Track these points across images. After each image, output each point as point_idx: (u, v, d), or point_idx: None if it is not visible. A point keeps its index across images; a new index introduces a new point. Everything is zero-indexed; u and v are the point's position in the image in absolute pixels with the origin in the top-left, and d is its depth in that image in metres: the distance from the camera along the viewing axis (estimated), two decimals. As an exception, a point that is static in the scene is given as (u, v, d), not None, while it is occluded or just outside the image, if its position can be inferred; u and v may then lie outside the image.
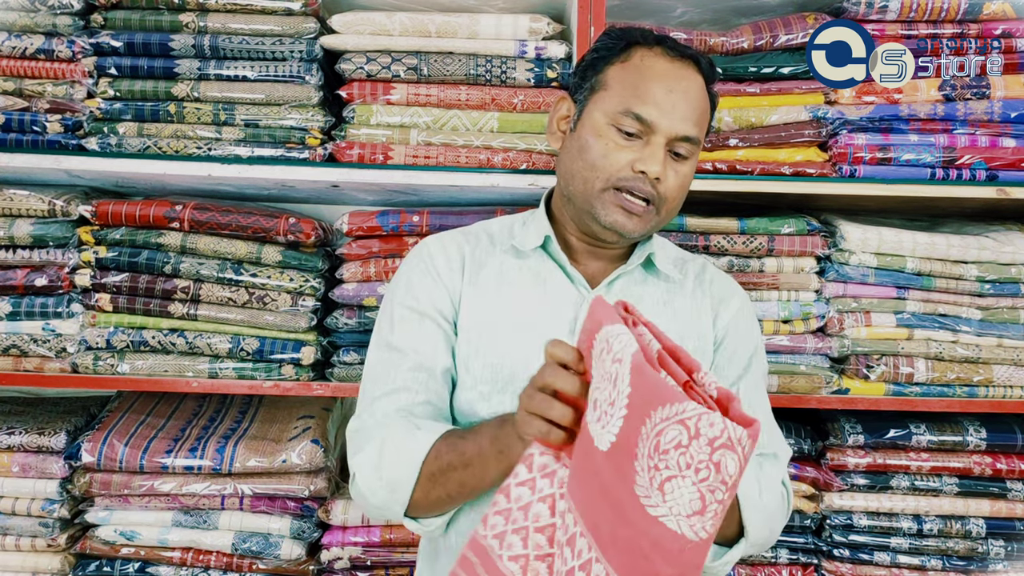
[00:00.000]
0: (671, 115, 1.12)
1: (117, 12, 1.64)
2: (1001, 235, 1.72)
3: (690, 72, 1.16)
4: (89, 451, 1.64)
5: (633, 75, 1.15)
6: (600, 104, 1.16)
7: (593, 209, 1.15)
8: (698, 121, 1.15)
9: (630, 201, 1.13)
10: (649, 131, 1.12)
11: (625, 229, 1.15)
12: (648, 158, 1.12)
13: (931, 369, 1.67)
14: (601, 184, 1.14)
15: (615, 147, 1.13)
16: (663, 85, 1.13)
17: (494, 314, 1.18)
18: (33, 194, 1.66)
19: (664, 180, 1.13)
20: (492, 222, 1.31)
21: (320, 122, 1.65)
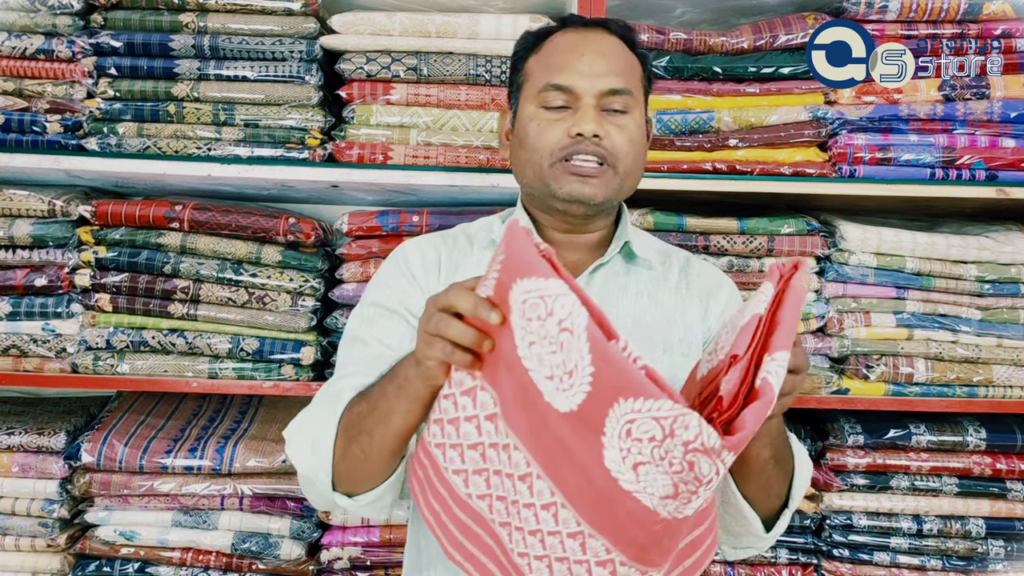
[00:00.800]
0: (589, 74, 1.12)
1: (117, 12, 1.64)
2: (1001, 235, 1.72)
3: (601, 35, 1.17)
4: (89, 451, 1.64)
5: (546, 56, 1.17)
6: (526, 95, 1.18)
7: (549, 187, 1.14)
8: (621, 73, 1.14)
9: (580, 165, 1.12)
10: (573, 97, 1.13)
11: (584, 194, 1.13)
12: (580, 120, 1.11)
13: (931, 369, 1.67)
14: (547, 160, 1.13)
15: (547, 123, 1.13)
16: (574, 51, 1.14)
17: None
18: (33, 194, 1.66)
19: (606, 135, 1.12)
20: (471, 224, 1.31)
21: (320, 122, 1.65)
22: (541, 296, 0.75)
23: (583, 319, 0.73)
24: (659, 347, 1.18)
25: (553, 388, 0.77)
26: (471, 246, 1.24)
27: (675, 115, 1.67)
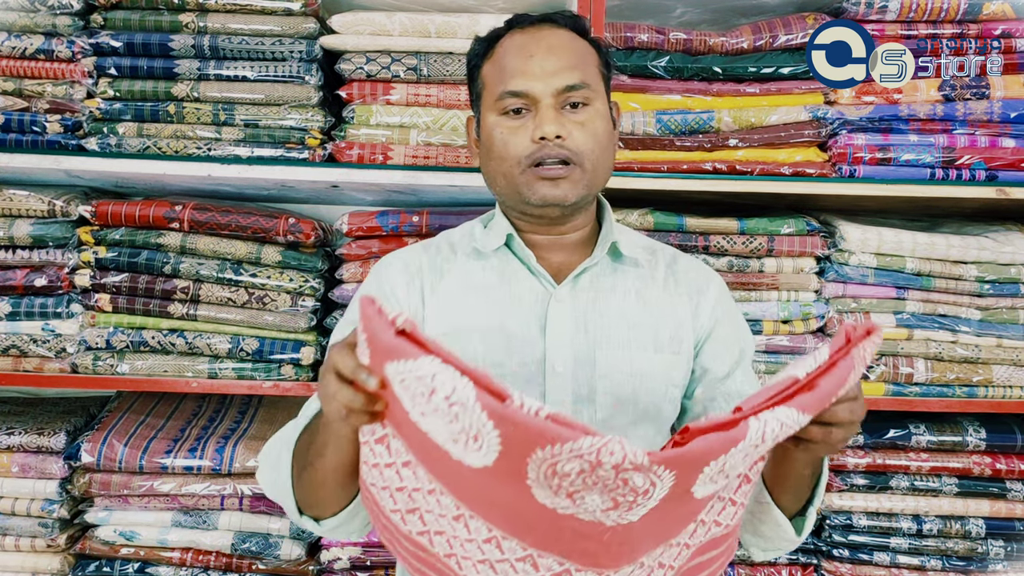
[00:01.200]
0: (541, 74, 1.11)
1: (117, 12, 1.64)
2: (1001, 235, 1.72)
3: (548, 30, 1.16)
4: (89, 451, 1.64)
5: (499, 61, 1.16)
6: (486, 104, 1.16)
7: (521, 194, 1.14)
8: (575, 67, 1.13)
9: (547, 169, 1.11)
10: (530, 100, 1.12)
11: (557, 197, 1.12)
12: (540, 123, 1.10)
13: (930, 369, 1.67)
14: (516, 168, 1.12)
15: (510, 131, 1.12)
16: (522, 54, 1.13)
17: (462, 319, 1.16)
18: (33, 194, 1.66)
19: (568, 135, 1.10)
20: (454, 230, 1.30)
21: (320, 122, 1.65)
22: (417, 376, 0.72)
23: (470, 392, 0.71)
24: (649, 347, 1.17)
25: (461, 449, 0.75)
26: (454, 253, 1.23)
27: (675, 115, 1.67)
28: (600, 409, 1.14)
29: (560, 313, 1.15)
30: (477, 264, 1.20)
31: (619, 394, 1.15)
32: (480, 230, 1.24)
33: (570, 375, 1.14)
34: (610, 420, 1.14)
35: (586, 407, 1.14)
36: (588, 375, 1.14)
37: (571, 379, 1.14)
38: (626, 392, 1.15)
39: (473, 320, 1.16)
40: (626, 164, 1.65)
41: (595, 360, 1.14)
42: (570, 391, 1.14)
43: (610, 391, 1.14)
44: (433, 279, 1.20)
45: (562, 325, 1.15)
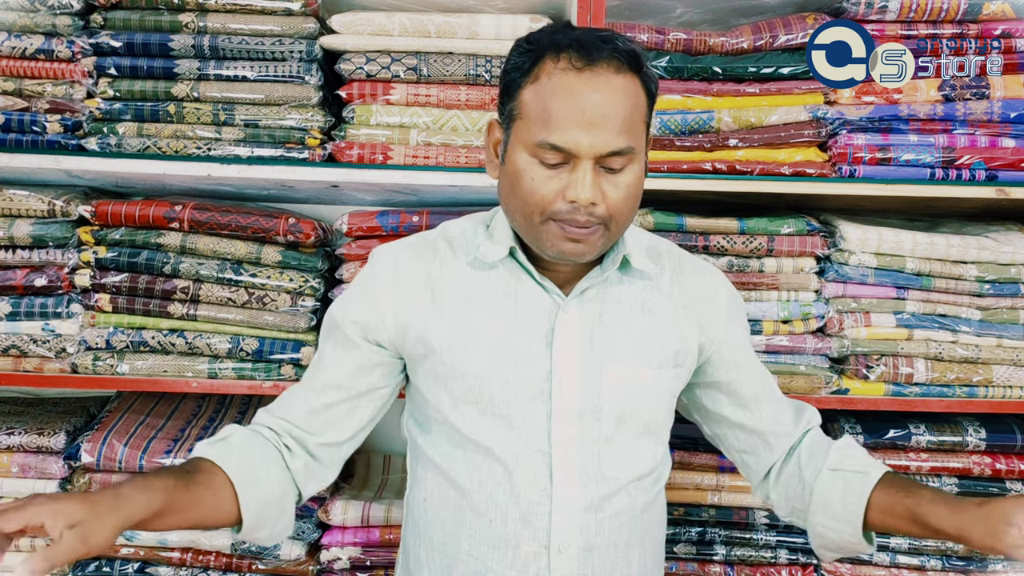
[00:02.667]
0: (590, 136, 1.01)
1: (117, 12, 1.64)
2: (1001, 235, 1.72)
3: (605, 77, 1.02)
4: (88, 451, 1.64)
5: (543, 100, 1.03)
6: (519, 135, 1.07)
7: (539, 241, 1.08)
8: (625, 128, 1.03)
9: (572, 230, 1.05)
10: (571, 156, 1.03)
11: (575, 255, 1.07)
12: (576, 184, 1.02)
13: (931, 369, 1.67)
14: (539, 218, 1.06)
15: (541, 180, 1.04)
16: (575, 106, 1.01)
17: (467, 332, 1.13)
18: (33, 194, 1.66)
19: (601, 200, 1.03)
20: (451, 225, 1.24)
21: (320, 122, 1.65)
22: None
23: None
24: (653, 363, 1.16)
25: None
26: (455, 256, 1.18)
27: (675, 115, 1.67)
28: (604, 426, 1.13)
29: (567, 327, 1.12)
30: (480, 274, 1.15)
31: (623, 411, 1.14)
32: (483, 234, 1.18)
33: (576, 391, 1.12)
34: (614, 437, 1.14)
35: (591, 424, 1.12)
36: (594, 391, 1.12)
37: (577, 395, 1.12)
38: (630, 408, 1.14)
39: (478, 333, 1.13)
40: (626, 164, 1.65)
41: (601, 376, 1.12)
42: (576, 408, 1.12)
43: (615, 408, 1.13)
44: (437, 287, 1.16)
45: (569, 340, 1.12)
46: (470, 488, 1.12)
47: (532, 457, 1.10)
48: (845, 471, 1.17)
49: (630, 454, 1.15)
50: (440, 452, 1.16)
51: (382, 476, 1.95)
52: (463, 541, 1.13)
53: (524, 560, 1.10)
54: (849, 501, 1.14)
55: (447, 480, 1.14)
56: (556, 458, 1.10)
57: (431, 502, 1.17)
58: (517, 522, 1.10)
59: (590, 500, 1.11)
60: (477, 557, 1.12)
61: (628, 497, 1.14)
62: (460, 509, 1.13)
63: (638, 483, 1.15)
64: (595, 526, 1.11)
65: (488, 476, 1.11)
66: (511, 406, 1.11)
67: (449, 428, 1.14)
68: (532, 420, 1.11)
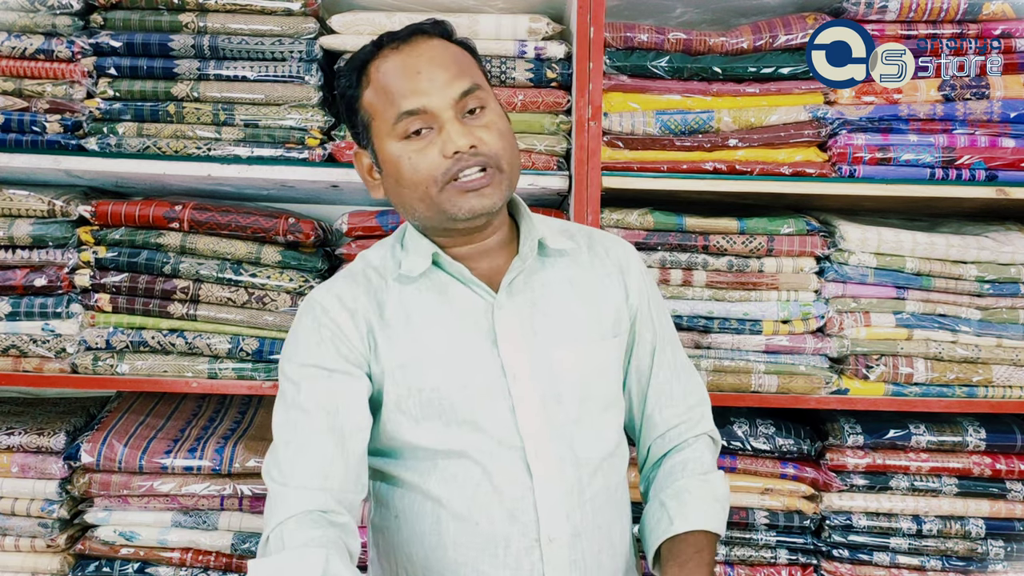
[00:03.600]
0: (433, 88, 1.07)
1: (116, 12, 1.64)
2: (1000, 235, 1.72)
3: (423, 43, 1.11)
4: (88, 451, 1.64)
5: (382, 88, 1.10)
6: (380, 132, 1.11)
7: (445, 211, 1.09)
8: (462, 72, 1.09)
9: (469, 180, 1.07)
10: (429, 116, 1.07)
11: (485, 207, 1.09)
12: (447, 139, 1.06)
13: (930, 369, 1.67)
14: (434, 188, 1.08)
15: (419, 156, 1.08)
16: (407, 72, 1.08)
17: (413, 350, 1.13)
18: (33, 194, 1.66)
19: (479, 142, 1.07)
20: (369, 252, 1.23)
21: (320, 122, 1.65)
22: None
23: None
24: (595, 336, 1.17)
25: None
26: (384, 279, 1.17)
27: (675, 115, 1.67)
28: (569, 408, 1.14)
29: (507, 321, 1.13)
30: (411, 288, 1.15)
31: (582, 390, 1.15)
32: (400, 253, 1.19)
33: (531, 382, 1.12)
34: (581, 417, 1.15)
35: (555, 409, 1.13)
36: (549, 377, 1.13)
37: (533, 385, 1.12)
38: (588, 386, 1.16)
39: (425, 348, 1.12)
40: (626, 164, 1.65)
41: (551, 361, 1.14)
42: (537, 395, 1.12)
43: (574, 389, 1.14)
44: (377, 312, 1.15)
45: (512, 334, 1.13)
46: (448, 497, 1.11)
47: (506, 454, 1.11)
48: (666, 500, 1.20)
49: (598, 431, 1.17)
50: (408, 469, 1.14)
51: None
52: (448, 550, 1.11)
53: (516, 557, 1.10)
54: (649, 538, 1.21)
55: (420, 494, 1.13)
56: (530, 450, 1.10)
57: (404, 518, 1.15)
58: (504, 520, 1.10)
59: (570, 485, 1.12)
60: (466, 563, 1.11)
61: (604, 477, 1.16)
62: (439, 519, 1.12)
63: (610, 460, 1.17)
64: (579, 510, 1.12)
65: (466, 481, 1.11)
66: (475, 410, 1.11)
67: (414, 448, 1.13)
68: (498, 418, 1.11)
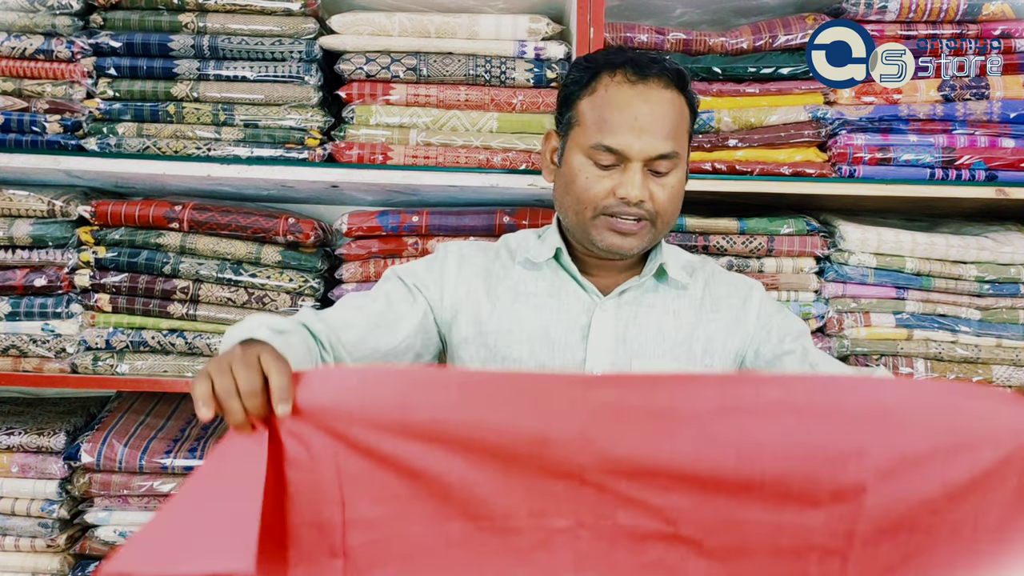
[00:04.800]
0: (640, 140, 1.15)
1: (116, 12, 1.64)
2: (1000, 235, 1.72)
3: (655, 90, 1.17)
4: (88, 451, 1.64)
5: (600, 107, 1.18)
6: (576, 139, 1.20)
7: (589, 236, 1.20)
8: (671, 135, 1.17)
9: (621, 223, 1.18)
10: (623, 158, 1.16)
11: (623, 249, 1.20)
12: (626, 183, 1.15)
13: (930, 369, 1.67)
14: (590, 213, 1.19)
15: (595, 179, 1.18)
16: (628, 113, 1.16)
17: (511, 322, 1.25)
18: (32, 194, 1.66)
19: (649, 199, 1.17)
20: (511, 237, 1.37)
21: (319, 122, 1.65)
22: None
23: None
24: (682, 358, 1.25)
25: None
26: (512, 260, 1.31)
27: (675, 115, 1.67)
28: None
29: (603, 323, 1.23)
30: (531, 274, 1.29)
31: None
32: (535, 241, 1.32)
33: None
34: None
35: None
36: None
37: None
38: None
39: (522, 324, 1.24)
40: (626, 164, 1.65)
41: (631, 368, 1.22)
42: None
43: None
44: (492, 284, 1.28)
45: (603, 334, 1.23)
46: None
47: None
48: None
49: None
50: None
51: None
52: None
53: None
54: None
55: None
56: None
57: None
58: None
59: None
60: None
61: None
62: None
63: None
64: None
65: None
66: None
67: None
68: None
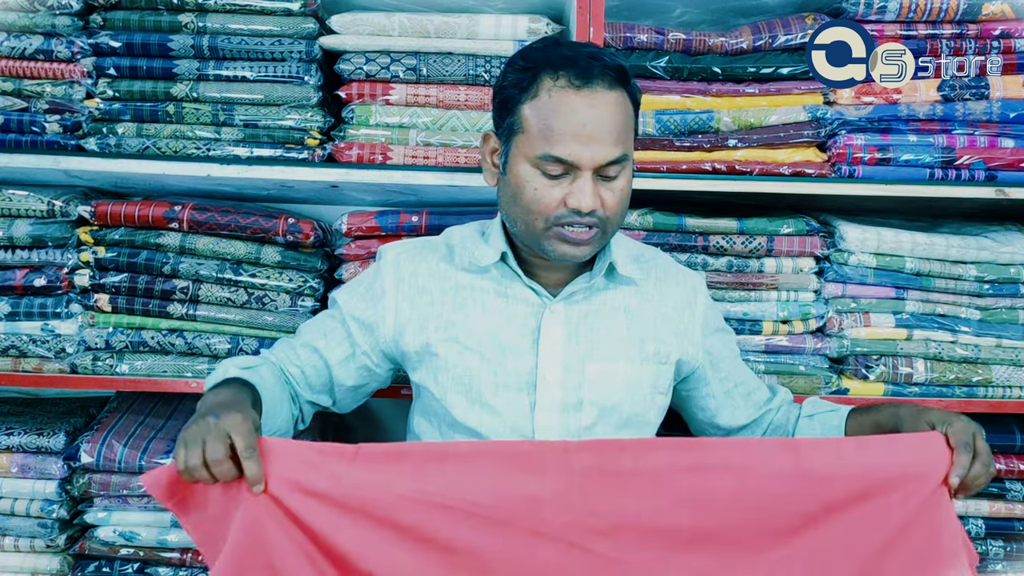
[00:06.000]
0: (590, 149, 1.11)
1: (116, 12, 1.64)
2: (1000, 235, 1.72)
3: (600, 93, 1.13)
4: (88, 452, 1.64)
5: (545, 116, 1.13)
6: (521, 147, 1.15)
7: (540, 246, 1.18)
8: (619, 139, 1.14)
9: (573, 232, 1.15)
10: (572, 167, 1.13)
11: (576, 258, 1.18)
12: (577, 193, 1.12)
13: (930, 369, 1.67)
14: (541, 224, 1.15)
15: (544, 190, 1.14)
16: (575, 121, 1.11)
17: (459, 329, 1.22)
18: (32, 194, 1.66)
19: (600, 207, 1.14)
20: (455, 231, 1.34)
21: (319, 122, 1.65)
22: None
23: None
24: (636, 358, 1.24)
25: None
26: (452, 261, 1.28)
27: (674, 115, 1.67)
28: (585, 417, 1.20)
29: (553, 325, 1.21)
30: (475, 276, 1.26)
31: (604, 403, 1.21)
32: (479, 241, 1.28)
33: (559, 385, 1.19)
34: (593, 427, 1.21)
35: (572, 415, 1.20)
36: (576, 385, 1.20)
37: (560, 388, 1.19)
38: (612, 401, 1.22)
39: (470, 330, 1.22)
40: (625, 164, 1.65)
41: (584, 371, 1.20)
42: (558, 400, 1.19)
43: (596, 401, 1.21)
44: (431, 289, 1.26)
45: (554, 337, 1.21)
46: None
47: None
48: (819, 414, 1.29)
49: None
50: (440, 437, 1.24)
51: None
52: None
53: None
54: (828, 434, 1.26)
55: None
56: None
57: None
58: None
59: None
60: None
61: None
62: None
63: None
64: None
65: None
66: (498, 397, 1.19)
67: (444, 414, 1.22)
68: (517, 410, 1.19)
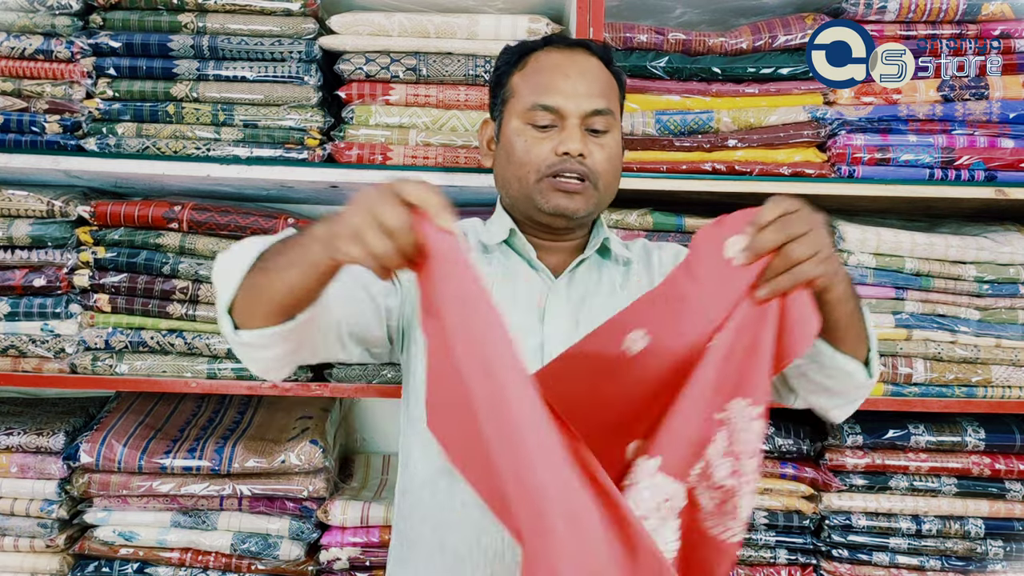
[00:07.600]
0: (575, 96, 1.19)
1: (116, 12, 1.64)
2: (1000, 235, 1.72)
3: (583, 56, 1.25)
4: (88, 452, 1.64)
5: (532, 75, 1.24)
6: (512, 110, 1.24)
7: (535, 201, 1.21)
8: (603, 94, 1.22)
9: (565, 182, 1.19)
10: (560, 117, 1.20)
11: (569, 209, 1.20)
12: (566, 139, 1.18)
13: (930, 369, 1.67)
14: (534, 176, 1.20)
15: (534, 141, 1.20)
16: (560, 72, 1.21)
17: None
18: (32, 194, 1.66)
19: (589, 155, 1.19)
20: (463, 222, 1.37)
21: (319, 122, 1.65)
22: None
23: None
24: None
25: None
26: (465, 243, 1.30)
27: (674, 116, 1.67)
28: None
29: (557, 304, 1.24)
30: (482, 257, 1.29)
31: None
32: (481, 226, 1.34)
33: None
34: None
35: None
36: None
37: None
38: None
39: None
40: (625, 164, 1.63)
41: None
42: None
43: None
44: None
45: (559, 315, 1.24)
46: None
47: None
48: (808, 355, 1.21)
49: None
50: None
51: (381, 476, 1.95)
52: (456, 501, 1.16)
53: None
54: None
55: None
56: None
57: (424, 474, 1.21)
58: None
59: None
60: (471, 521, 1.15)
61: None
62: (454, 473, 1.15)
63: None
64: None
65: None
66: None
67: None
68: None
